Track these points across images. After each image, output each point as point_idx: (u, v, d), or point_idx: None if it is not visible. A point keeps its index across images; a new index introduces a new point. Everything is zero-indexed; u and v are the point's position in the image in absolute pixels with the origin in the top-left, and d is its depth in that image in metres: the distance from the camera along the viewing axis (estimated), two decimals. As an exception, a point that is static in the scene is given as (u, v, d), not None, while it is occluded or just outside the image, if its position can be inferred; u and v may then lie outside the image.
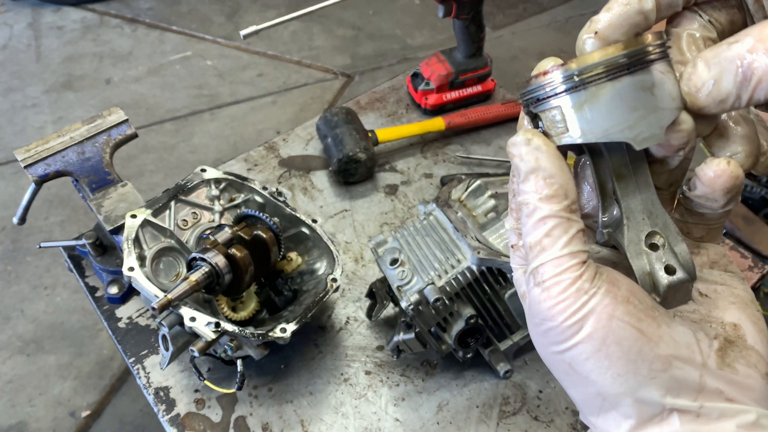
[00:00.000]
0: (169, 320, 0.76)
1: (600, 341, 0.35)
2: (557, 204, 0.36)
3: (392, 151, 1.27)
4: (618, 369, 0.35)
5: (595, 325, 0.35)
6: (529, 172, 0.36)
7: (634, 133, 0.35)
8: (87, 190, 0.96)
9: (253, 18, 3.20)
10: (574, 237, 0.36)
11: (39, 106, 2.69)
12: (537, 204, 0.36)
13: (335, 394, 0.89)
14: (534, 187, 0.36)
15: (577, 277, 0.35)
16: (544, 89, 0.36)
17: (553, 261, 0.36)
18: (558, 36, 3.03)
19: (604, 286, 0.35)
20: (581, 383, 0.37)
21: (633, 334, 0.35)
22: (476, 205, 0.88)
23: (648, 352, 0.35)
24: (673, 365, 0.35)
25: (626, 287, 0.36)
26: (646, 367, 0.35)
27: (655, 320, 0.35)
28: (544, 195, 0.36)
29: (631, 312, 0.35)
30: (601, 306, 0.35)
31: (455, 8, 1.21)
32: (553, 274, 0.36)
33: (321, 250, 0.93)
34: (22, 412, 1.74)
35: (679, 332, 0.36)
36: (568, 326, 0.35)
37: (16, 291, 2.02)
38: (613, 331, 0.35)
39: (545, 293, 0.36)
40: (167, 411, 0.88)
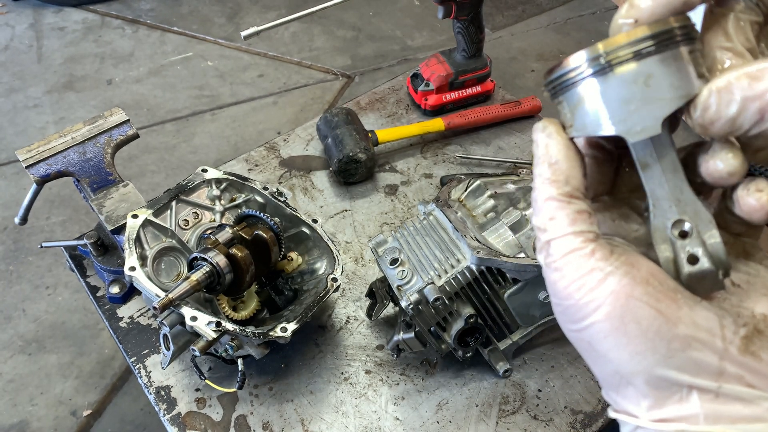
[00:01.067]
0: (170, 320, 0.77)
1: (618, 320, 0.35)
2: (557, 188, 0.38)
3: (392, 152, 1.28)
4: (636, 347, 0.35)
5: (613, 303, 0.35)
6: (539, 157, 0.39)
7: (626, 127, 0.35)
8: (88, 190, 0.96)
9: (254, 19, 3.21)
10: (576, 218, 0.37)
11: (40, 106, 2.70)
12: (541, 187, 0.38)
13: (335, 393, 0.90)
14: (541, 171, 0.38)
15: (588, 255, 0.36)
16: (554, 83, 0.38)
17: (558, 240, 0.37)
18: (557, 37, 3.03)
19: (622, 267, 0.36)
20: (600, 361, 0.38)
21: (651, 314, 0.35)
22: (476, 205, 0.89)
23: (666, 331, 0.35)
24: (691, 346, 0.35)
25: (646, 268, 0.36)
26: (664, 345, 0.35)
27: (675, 302, 0.36)
28: (547, 179, 0.38)
29: (650, 292, 0.35)
30: (620, 285, 0.35)
31: (455, 9, 1.22)
32: (563, 253, 0.37)
33: (321, 250, 0.94)
34: (23, 412, 1.75)
35: (702, 316, 0.36)
36: (584, 304, 0.36)
37: (17, 291, 2.02)
38: (631, 310, 0.35)
39: (558, 273, 0.37)
40: (168, 410, 0.88)
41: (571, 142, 0.39)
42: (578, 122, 0.37)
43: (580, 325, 0.37)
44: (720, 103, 0.33)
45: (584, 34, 3.03)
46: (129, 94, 2.75)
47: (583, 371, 0.91)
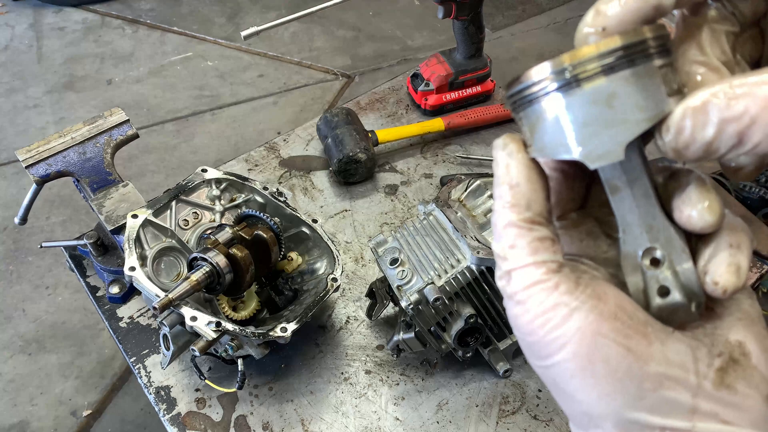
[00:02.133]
0: (170, 320, 0.77)
1: (585, 359, 0.33)
2: (518, 213, 0.35)
3: (392, 152, 1.28)
4: (604, 388, 0.33)
5: (579, 342, 0.33)
6: (499, 177, 0.36)
7: (586, 151, 0.32)
8: (88, 190, 0.96)
9: (254, 19, 3.21)
10: (538, 246, 0.34)
11: (40, 106, 2.70)
12: (500, 211, 0.35)
13: (335, 393, 0.90)
14: (500, 193, 0.35)
15: (551, 288, 0.33)
16: (512, 99, 0.35)
17: (519, 270, 0.34)
18: (557, 37, 3.03)
19: (588, 301, 0.33)
20: (567, 400, 0.35)
21: (620, 352, 0.33)
22: (476, 205, 0.89)
23: (637, 370, 0.33)
24: (663, 385, 0.33)
25: (614, 301, 0.34)
26: (634, 386, 0.33)
27: (646, 337, 0.33)
28: (507, 202, 0.35)
29: (618, 329, 0.33)
30: (586, 322, 0.33)
31: (455, 9, 1.22)
32: (524, 285, 0.34)
33: (321, 250, 0.94)
34: (23, 412, 1.75)
35: (674, 350, 0.33)
36: (549, 341, 0.33)
37: (17, 291, 2.02)
38: (598, 349, 0.32)
39: (520, 307, 0.34)
40: (168, 410, 0.88)
41: (534, 162, 0.35)
42: (537, 143, 0.34)
43: (545, 362, 0.34)
44: (695, 125, 0.30)
45: (584, 34, 3.03)
46: (129, 94, 2.76)
47: (583, 371, 0.91)
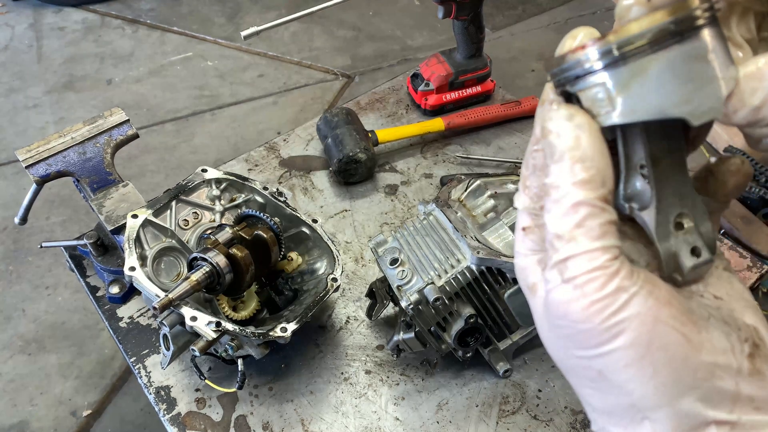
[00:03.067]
0: (170, 320, 0.77)
1: (644, 347, 0.31)
2: (593, 191, 0.32)
3: (392, 152, 1.28)
4: (662, 378, 0.31)
5: (639, 329, 0.31)
6: (565, 151, 0.32)
7: (690, 108, 0.31)
8: (88, 190, 0.96)
9: (254, 19, 3.21)
10: (608, 229, 0.32)
11: (40, 106, 2.70)
12: (570, 189, 0.32)
13: (335, 393, 0.90)
14: (569, 169, 0.32)
15: (613, 274, 0.31)
16: (582, 66, 0.33)
17: (585, 254, 0.32)
18: (557, 37, 3.02)
19: (646, 286, 0.32)
20: (611, 392, 0.33)
21: (678, 340, 0.31)
22: (476, 205, 0.89)
23: (693, 359, 0.32)
24: (714, 374, 0.32)
25: (665, 287, 0.33)
26: (690, 375, 0.32)
27: (695, 325, 0.32)
28: (579, 179, 0.32)
29: (675, 315, 0.32)
30: (645, 307, 0.31)
31: (455, 9, 1.22)
32: (587, 269, 0.31)
33: (321, 250, 0.94)
34: (23, 412, 1.75)
35: (716, 337, 0.33)
36: (604, 329, 0.31)
37: (17, 291, 2.02)
38: (658, 336, 0.31)
39: (578, 290, 0.32)
40: (168, 410, 0.88)
41: (602, 136, 0.33)
42: (626, 106, 0.32)
43: (594, 351, 0.32)
44: (745, 91, 0.31)
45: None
46: (129, 94, 2.76)
47: (583, 371, 0.91)
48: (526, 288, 0.37)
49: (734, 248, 1.05)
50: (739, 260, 1.04)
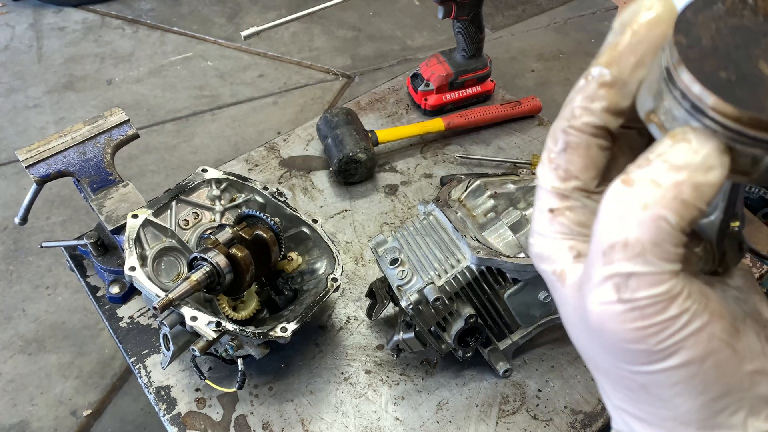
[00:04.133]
0: (170, 320, 0.77)
1: (698, 366, 0.29)
2: (686, 214, 0.27)
3: (392, 152, 1.28)
4: (712, 394, 0.30)
5: (695, 347, 0.29)
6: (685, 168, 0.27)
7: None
8: (88, 190, 0.96)
9: (254, 19, 3.21)
10: (680, 252, 0.28)
11: (41, 106, 2.70)
12: (661, 199, 0.27)
13: (335, 393, 0.90)
14: (674, 182, 0.27)
15: (676, 296, 0.28)
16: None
17: (652, 276, 0.28)
18: (557, 37, 3.03)
19: (701, 301, 0.29)
20: (652, 404, 0.31)
21: (729, 354, 0.29)
22: (476, 205, 0.89)
23: (739, 371, 0.30)
24: (755, 381, 0.30)
25: (714, 296, 0.30)
26: (738, 388, 0.30)
27: (739, 333, 0.30)
28: (683, 198, 0.28)
29: (726, 328, 0.30)
30: (702, 324, 0.29)
31: (455, 9, 1.22)
32: (652, 294, 0.28)
33: (321, 250, 0.94)
34: (23, 412, 1.75)
35: (752, 340, 0.31)
36: (659, 350, 0.29)
37: (17, 290, 2.02)
38: (713, 353, 0.29)
39: (636, 312, 0.28)
40: (168, 410, 0.88)
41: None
42: None
43: (641, 369, 0.30)
44: None
45: (584, 35, 3.04)
46: (129, 94, 2.76)
47: (584, 371, 0.91)
48: (551, 274, 0.33)
49: (734, 248, 1.05)
50: (739, 260, 1.04)
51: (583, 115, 0.31)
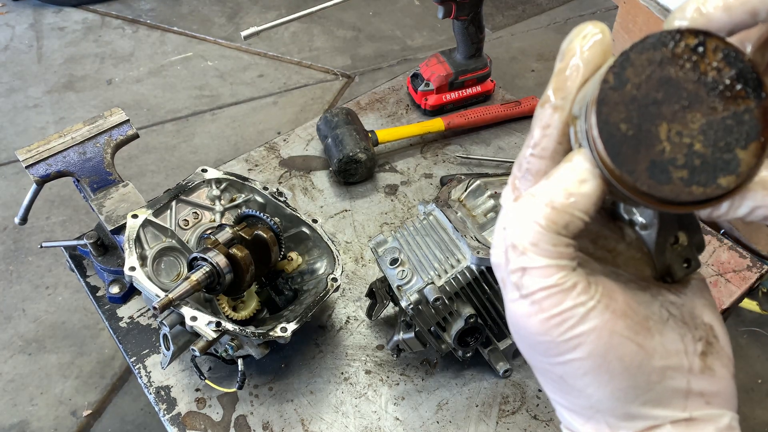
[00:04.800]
0: (170, 320, 0.77)
1: (601, 358, 0.33)
2: (562, 225, 0.33)
3: (392, 152, 1.28)
4: (618, 384, 0.34)
5: (596, 341, 0.33)
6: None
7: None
8: (88, 190, 0.96)
9: (254, 19, 3.21)
10: (565, 251, 0.33)
11: (40, 106, 2.70)
12: (541, 207, 0.33)
13: (335, 393, 0.90)
14: (551, 189, 0.33)
15: (569, 289, 0.32)
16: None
17: (539, 269, 0.32)
18: (557, 37, 3.03)
19: (603, 300, 0.33)
20: (572, 394, 0.35)
21: (633, 349, 0.33)
22: (476, 205, 0.89)
23: (646, 365, 0.34)
24: (666, 375, 0.34)
25: (622, 298, 0.34)
26: (644, 380, 0.34)
27: (649, 331, 0.34)
28: (556, 206, 0.33)
29: (630, 326, 0.33)
30: (602, 321, 0.33)
31: (455, 9, 1.22)
32: (541, 286, 0.32)
33: (321, 250, 0.94)
34: (23, 411, 1.75)
35: (670, 339, 0.35)
36: (562, 342, 0.33)
37: (17, 291, 2.02)
38: (614, 347, 0.33)
39: (535, 306, 0.33)
40: (168, 410, 0.88)
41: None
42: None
43: (555, 360, 0.34)
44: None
45: (584, 34, 3.03)
46: (129, 94, 2.76)
47: (583, 371, 0.91)
48: (501, 285, 0.37)
49: (734, 248, 1.05)
50: (739, 260, 1.04)
51: (541, 141, 0.34)
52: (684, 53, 0.31)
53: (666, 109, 0.31)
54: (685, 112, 0.31)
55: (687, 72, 0.31)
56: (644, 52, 0.32)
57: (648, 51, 0.32)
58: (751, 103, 0.30)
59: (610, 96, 0.31)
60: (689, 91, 0.31)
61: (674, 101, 0.31)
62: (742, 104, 0.30)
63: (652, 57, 0.31)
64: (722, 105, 0.31)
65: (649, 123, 0.31)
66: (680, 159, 0.30)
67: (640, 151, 0.31)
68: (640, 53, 0.32)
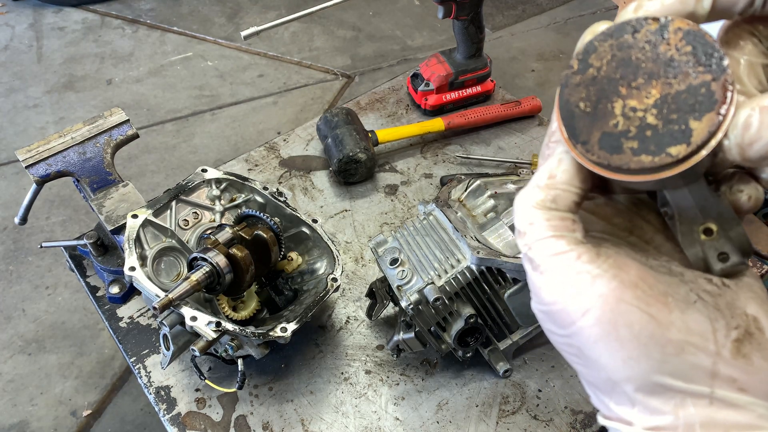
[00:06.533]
0: (170, 320, 0.77)
1: (609, 324, 0.34)
2: (551, 200, 0.37)
3: (392, 152, 1.28)
4: (629, 352, 0.34)
5: (602, 307, 0.34)
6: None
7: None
8: (88, 190, 0.96)
9: (254, 19, 3.21)
10: (559, 224, 0.36)
11: (40, 106, 2.70)
12: (533, 189, 0.37)
13: (335, 393, 0.90)
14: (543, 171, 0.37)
15: (573, 259, 0.35)
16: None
17: (541, 242, 0.36)
18: (557, 37, 3.03)
19: (610, 270, 0.35)
20: (592, 366, 0.37)
21: (643, 318, 0.34)
22: (476, 205, 0.89)
23: (659, 336, 0.34)
24: (685, 350, 0.34)
25: (635, 271, 0.36)
26: (658, 350, 0.34)
27: (666, 306, 0.35)
28: (544, 184, 0.37)
29: (639, 296, 0.35)
30: (608, 288, 0.34)
31: (455, 9, 1.22)
32: (547, 255, 0.36)
33: (321, 250, 0.94)
34: (23, 412, 1.75)
35: (694, 319, 0.35)
36: (572, 309, 0.35)
37: (17, 291, 2.02)
38: (621, 314, 0.34)
39: (543, 277, 0.36)
40: (168, 410, 0.88)
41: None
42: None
43: (569, 330, 0.36)
44: (763, 124, 0.31)
45: (584, 34, 3.03)
46: (129, 94, 2.76)
47: (583, 371, 0.91)
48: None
49: (734, 248, 1.05)
50: (739, 260, 1.04)
51: (557, 129, 0.37)
52: (645, 36, 0.33)
53: (622, 87, 0.33)
54: (641, 89, 0.33)
55: (646, 53, 0.33)
56: (608, 39, 0.34)
57: (611, 38, 0.34)
58: (709, 77, 0.31)
59: (572, 80, 0.35)
60: (646, 70, 0.33)
61: (631, 80, 0.33)
62: (699, 78, 0.32)
63: (614, 43, 0.34)
64: (678, 80, 0.32)
65: (606, 100, 0.34)
66: (632, 131, 0.33)
67: (594, 125, 0.34)
68: (603, 40, 0.34)
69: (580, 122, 0.34)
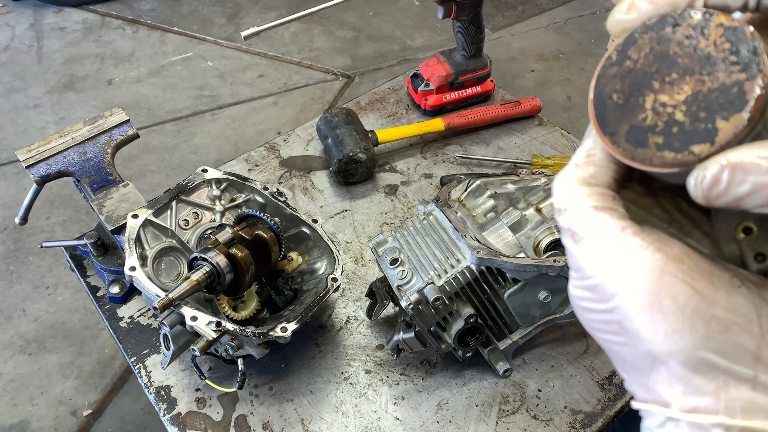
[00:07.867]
0: (171, 320, 0.77)
1: (652, 294, 0.33)
2: (590, 176, 0.38)
3: (392, 152, 1.28)
4: (673, 325, 0.33)
5: (646, 277, 0.34)
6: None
7: None
8: (88, 190, 0.96)
9: (254, 19, 3.21)
10: (605, 197, 0.36)
11: (41, 106, 2.70)
12: (572, 167, 0.38)
13: (335, 393, 0.90)
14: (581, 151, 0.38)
15: (618, 230, 0.35)
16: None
17: (585, 214, 0.36)
18: (557, 37, 3.03)
19: (654, 243, 0.34)
20: (631, 341, 0.35)
21: (688, 291, 0.33)
22: (475, 205, 0.89)
23: (704, 311, 0.33)
24: (730, 329, 0.33)
25: (680, 248, 0.35)
26: (702, 325, 0.33)
27: (712, 284, 0.34)
28: (583, 161, 0.38)
29: (685, 270, 0.34)
30: (653, 260, 0.34)
31: (455, 10, 1.22)
32: (590, 227, 0.36)
33: (321, 250, 0.94)
34: (23, 411, 1.75)
35: (739, 302, 0.34)
36: (614, 280, 0.35)
37: (18, 290, 2.02)
38: (666, 285, 0.33)
39: (585, 248, 0.36)
40: (168, 410, 0.88)
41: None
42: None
43: (609, 304, 0.35)
44: (731, 182, 0.31)
45: (584, 35, 3.04)
46: (129, 94, 2.76)
47: (583, 371, 0.92)
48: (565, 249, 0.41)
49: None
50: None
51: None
52: (686, 31, 0.33)
53: (656, 81, 0.33)
54: (674, 84, 0.33)
55: (684, 48, 0.33)
56: (648, 32, 0.34)
57: (651, 30, 0.34)
58: (743, 76, 0.31)
59: (608, 70, 0.35)
60: (682, 65, 0.33)
61: (665, 74, 0.33)
62: (733, 77, 0.31)
63: (654, 35, 0.34)
64: (711, 78, 0.32)
65: (638, 93, 0.34)
66: (659, 126, 0.33)
67: (624, 118, 0.34)
68: (644, 32, 0.34)
69: (611, 113, 0.35)
